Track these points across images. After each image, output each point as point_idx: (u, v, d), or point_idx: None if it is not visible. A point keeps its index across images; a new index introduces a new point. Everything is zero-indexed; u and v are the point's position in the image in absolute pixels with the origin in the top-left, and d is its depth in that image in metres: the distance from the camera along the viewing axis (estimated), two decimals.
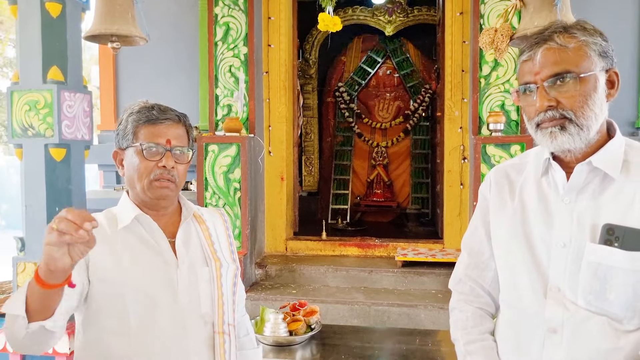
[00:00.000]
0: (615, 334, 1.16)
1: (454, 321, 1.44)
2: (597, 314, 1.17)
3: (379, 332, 2.80)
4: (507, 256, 1.33)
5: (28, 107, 3.01)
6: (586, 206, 1.20)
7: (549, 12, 2.35)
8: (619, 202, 1.17)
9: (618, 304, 1.15)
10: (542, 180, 1.29)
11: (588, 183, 1.21)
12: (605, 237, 1.15)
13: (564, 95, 1.17)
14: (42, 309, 1.17)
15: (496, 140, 4.01)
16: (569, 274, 1.19)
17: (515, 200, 1.33)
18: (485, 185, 1.43)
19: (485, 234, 1.41)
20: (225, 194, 4.29)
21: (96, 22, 2.60)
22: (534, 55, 1.20)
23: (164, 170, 1.38)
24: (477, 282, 1.43)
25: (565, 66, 1.16)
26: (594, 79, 1.17)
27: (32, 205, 3.04)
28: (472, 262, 1.44)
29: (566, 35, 1.18)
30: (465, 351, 1.37)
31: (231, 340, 1.45)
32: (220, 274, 1.45)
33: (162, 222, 1.43)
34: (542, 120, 1.20)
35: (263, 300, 3.99)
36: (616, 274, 1.14)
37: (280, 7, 4.92)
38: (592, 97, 1.17)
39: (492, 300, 1.42)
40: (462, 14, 4.67)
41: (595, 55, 1.18)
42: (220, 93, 4.54)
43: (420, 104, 6.78)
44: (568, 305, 1.19)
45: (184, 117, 1.47)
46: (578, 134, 1.17)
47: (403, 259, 4.39)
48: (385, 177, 6.95)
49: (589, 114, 1.17)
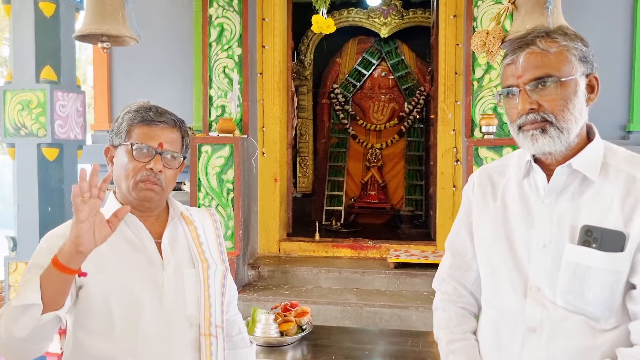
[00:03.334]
0: (592, 333, 1.19)
1: (437, 320, 1.47)
2: (575, 313, 1.20)
3: (370, 333, 2.81)
4: (489, 256, 1.35)
5: (21, 107, 3.01)
6: (566, 208, 1.23)
7: (540, 15, 2.37)
8: (598, 204, 1.20)
9: (595, 304, 1.18)
10: (523, 182, 1.31)
11: (568, 185, 1.24)
12: (584, 238, 1.18)
13: (545, 98, 1.19)
14: (57, 298, 1.19)
15: (488, 143, 4.02)
16: (548, 274, 1.22)
17: (497, 202, 1.35)
18: (468, 186, 1.46)
19: (468, 235, 1.43)
20: (218, 195, 4.29)
21: (87, 21, 2.60)
22: (517, 59, 1.22)
23: (151, 173, 1.36)
24: (460, 282, 1.45)
25: (546, 70, 1.19)
26: (574, 83, 1.20)
27: (24, 204, 3.04)
28: (455, 262, 1.47)
29: (548, 40, 1.20)
30: (448, 350, 1.40)
31: (218, 342, 1.44)
32: (207, 275, 1.43)
33: (148, 222, 1.42)
34: (523, 122, 1.22)
35: (255, 301, 4.00)
36: (594, 274, 1.17)
37: (275, 8, 4.92)
38: (572, 101, 1.19)
39: (475, 300, 1.45)
40: (455, 17, 4.69)
41: (576, 60, 1.20)
42: (214, 94, 4.55)
43: (414, 106, 6.80)
44: (547, 304, 1.22)
45: (180, 122, 1.45)
46: (558, 137, 1.20)
47: (395, 260, 4.40)
48: (380, 178, 6.96)
49: (570, 117, 1.19)
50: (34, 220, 3.03)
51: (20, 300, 1.17)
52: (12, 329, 1.18)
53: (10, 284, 3.13)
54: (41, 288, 1.17)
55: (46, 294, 1.17)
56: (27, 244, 3.06)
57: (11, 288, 3.13)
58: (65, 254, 1.16)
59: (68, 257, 1.15)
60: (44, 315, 1.17)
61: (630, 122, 4.77)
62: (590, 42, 1.24)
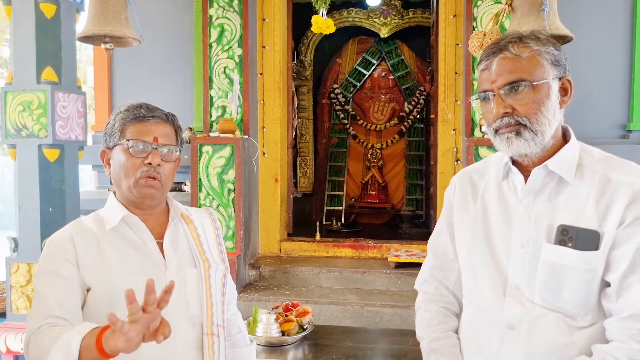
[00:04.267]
0: (569, 330, 1.22)
1: (419, 320, 1.51)
2: (552, 311, 1.23)
3: (371, 333, 2.82)
4: (469, 256, 1.38)
5: (22, 108, 3.01)
6: (543, 208, 1.26)
7: (536, 16, 2.38)
8: (573, 204, 1.23)
9: (572, 302, 1.21)
10: (502, 184, 1.34)
11: (544, 186, 1.27)
12: (560, 238, 1.22)
13: (518, 102, 1.23)
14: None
15: (488, 142, 4.02)
16: (526, 273, 1.25)
17: (477, 203, 1.38)
18: (450, 188, 1.50)
19: (450, 236, 1.46)
20: (219, 195, 4.30)
21: (89, 23, 2.61)
22: (490, 65, 1.25)
23: (150, 168, 1.37)
24: (442, 283, 1.49)
25: (519, 75, 1.22)
26: (546, 87, 1.23)
27: (25, 205, 3.04)
28: (437, 263, 1.50)
29: (520, 45, 1.24)
30: (429, 349, 1.43)
31: (220, 341, 1.45)
32: (208, 275, 1.44)
33: (149, 222, 1.43)
34: (499, 126, 1.26)
35: (256, 301, 4.00)
36: (570, 273, 1.21)
37: (275, 8, 4.93)
38: (545, 104, 1.23)
39: (456, 299, 1.47)
40: (455, 17, 4.69)
41: (548, 64, 1.23)
42: (215, 94, 4.55)
43: (414, 106, 6.81)
44: (525, 303, 1.25)
45: (172, 116, 1.46)
46: (533, 139, 1.23)
47: (396, 260, 4.41)
48: (380, 178, 6.97)
49: (543, 120, 1.23)
50: (35, 221, 3.03)
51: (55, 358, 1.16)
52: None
53: (12, 285, 3.13)
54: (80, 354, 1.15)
55: None
56: (29, 245, 3.07)
57: (13, 289, 3.13)
58: (110, 347, 1.11)
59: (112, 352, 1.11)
60: None
61: (630, 121, 4.77)
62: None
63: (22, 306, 3.12)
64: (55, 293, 1.28)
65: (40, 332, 1.22)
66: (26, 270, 3.09)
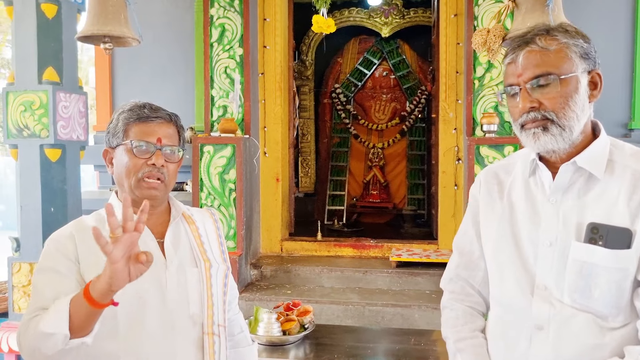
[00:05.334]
0: (600, 331, 1.18)
1: (445, 320, 1.46)
2: (583, 311, 1.19)
3: (373, 332, 2.81)
4: (496, 255, 1.35)
5: (23, 108, 3.02)
6: (571, 205, 1.22)
7: (541, 13, 2.37)
8: (603, 201, 1.19)
9: (603, 302, 1.17)
10: (529, 181, 1.31)
11: (573, 183, 1.23)
12: (590, 236, 1.17)
13: (545, 96, 1.19)
14: (86, 326, 1.19)
15: (490, 142, 4.02)
16: (555, 272, 1.21)
17: (504, 200, 1.34)
18: (475, 185, 1.45)
19: (476, 234, 1.43)
20: (220, 195, 4.30)
21: (89, 23, 2.61)
22: (517, 58, 1.22)
23: (154, 168, 1.37)
24: (468, 282, 1.45)
25: (546, 68, 1.18)
26: (575, 81, 1.19)
27: (27, 205, 3.05)
28: (463, 261, 1.46)
29: (548, 38, 1.20)
30: (456, 349, 1.39)
31: (221, 341, 1.45)
32: (209, 274, 1.44)
33: (150, 222, 1.42)
34: (525, 121, 1.22)
35: (258, 300, 4.00)
36: (600, 272, 1.16)
37: (276, 8, 4.93)
38: (573, 98, 1.18)
39: (483, 299, 1.44)
40: (456, 16, 4.69)
41: (577, 57, 1.19)
42: (216, 94, 4.56)
43: (416, 106, 6.81)
44: (554, 302, 1.21)
45: (175, 117, 1.46)
46: (560, 135, 1.19)
47: (397, 259, 4.41)
48: (382, 178, 6.97)
49: (571, 115, 1.19)
50: (37, 221, 3.04)
51: (49, 328, 1.18)
52: (39, 346, 1.20)
53: (14, 285, 3.14)
54: (70, 317, 1.17)
55: (75, 323, 1.18)
56: (30, 245, 3.08)
57: (15, 288, 3.14)
58: (97, 290, 1.15)
59: (100, 294, 1.15)
60: (73, 340, 1.18)
61: (632, 119, 4.76)
62: (591, 39, 1.24)
63: (24, 306, 3.13)
64: (52, 288, 1.28)
65: (33, 319, 1.24)
66: (28, 270, 3.10)
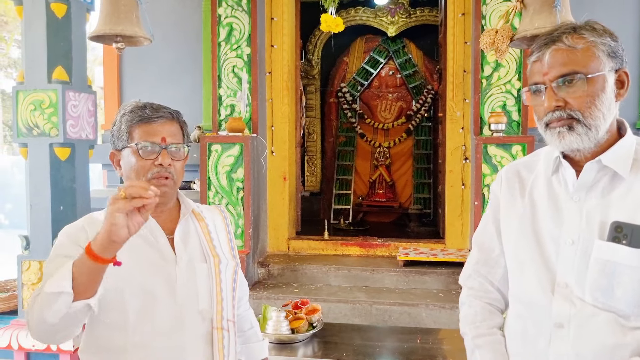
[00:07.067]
0: (621, 330, 1.17)
1: (463, 316, 1.46)
2: (604, 310, 1.18)
3: (380, 331, 2.82)
4: (516, 252, 1.34)
5: (33, 107, 3.04)
6: (595, 204, 1.21)
7: (548, 13, 2.36)
8: (628, 200, 1.18)
9: (625, 301, 1.16)
10: (552, 179, 1.30)
11: (597, 181, 1.22)
12: (614, 235, 1.16)
13: (571, 95, 1.18)
14: (89, 287, 1.20)
15: (497, 141, 4.02)
16: (576, 271, 1.20)
17: (525, 198, 1.34)
18: (496, 183, 1.45)
19: (496, 231, 1.42)
20: (228, 194, 4.32)
21: (101, 22, 2.62)
22: (543, 56, 1.21)
23: (161, 168, 1.38)
24: (487, 278, 1.44)
25: (573, 67, 1.17)
26: (602, 80, 1.18)
27: (36, 204, 3.07)
28: (482, 258, 1.45)
29: (575, 36, 1.19)
30: (474, 345, 1.39)
31: (230, 336, 1.46)
32: (219, 270, 1.46)
33: (160, 219, 1.44)
34: (550, 120, 1.21)
35: (265, 299, 4.02)
36: (624, 271, 1.16)
37: (283, 7, 4.94)
38: (600, 98, 1.18)
39: (502, 296, 1.43)
40: (463, 15, 4.69)
41: (604, 56, 1.18)
42: (224, 93, 4.57)
43: (422, 105, 6.81)
44: (575, 301, 1.20)
45: (177, 113, 1.47)
46: (586, 134, 1.18)
47: (405, 258, 4.41)
48: (388, 177, 6.97)
49: (597, 114, 1.18)
50: (47, 220, 3.05)
51: (52, 287, 1.18)
52: (44, 314, 1.20)
53: (24, 283, 3.16)
54: (73, 276, 1.18)
55: (78, 282, 1.18)
56: (40, 243, 3.09)
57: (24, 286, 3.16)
58: (99, 243, 1.16)
59: (102, 247, 1.16)
60: (75, 303, 1.19)
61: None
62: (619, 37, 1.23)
63: None
64: None
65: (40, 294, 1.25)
66: (37, 268, 3.12)
